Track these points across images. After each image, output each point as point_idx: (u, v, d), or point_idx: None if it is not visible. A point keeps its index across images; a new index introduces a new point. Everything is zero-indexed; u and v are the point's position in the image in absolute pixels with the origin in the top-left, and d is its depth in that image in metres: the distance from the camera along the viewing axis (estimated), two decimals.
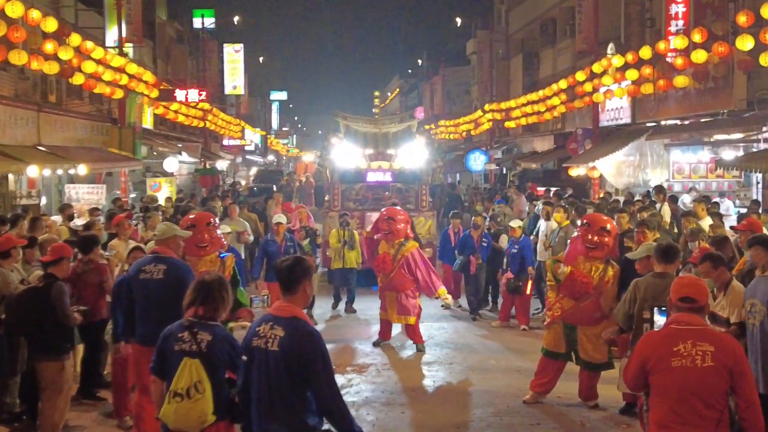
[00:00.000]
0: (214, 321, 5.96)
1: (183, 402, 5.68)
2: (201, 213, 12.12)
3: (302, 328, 5.48)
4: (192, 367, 5.72)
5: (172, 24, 46.62)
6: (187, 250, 9.65)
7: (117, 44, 27.76)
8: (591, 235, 10.05)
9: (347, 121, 20.78)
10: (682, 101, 22.79)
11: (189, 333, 5.85)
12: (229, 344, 5.89)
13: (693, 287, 5.63)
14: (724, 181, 21.92)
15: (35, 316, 8.35)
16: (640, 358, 5.59)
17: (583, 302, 9.88)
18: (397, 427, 9.36)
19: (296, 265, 5.67)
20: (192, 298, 5.99)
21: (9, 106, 20.59)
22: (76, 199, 20.85)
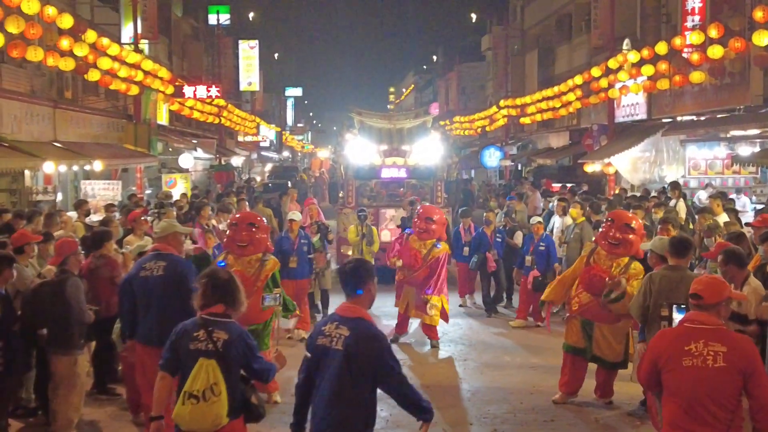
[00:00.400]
0: (230, 319, 5.89)
1: (198, 404, 5.59)
2: (247, 213, 12.09)
3: (367, 330, 5.60)
4: (209, 369, 5.64)
5: (188, 20, 46.78)
6: (229, 247, 9.88)
7: (132, 41, 27.88)
8: (614, 231, 9.82)
9: (362, 116, 20.51)
10: (698, 97, 22.70)
11: (205, 331, 5.76)
12: (245, 343, 5.84)
13: (701, 284, 5.54)
14: (740, 177, 21.83)
15: (49, 311, 8.39)
16: (653, 356, 5.54)
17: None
18: (410, 423, 9.32)
19: (360, 267, 5.77)
20: (208, 295, 5.88)
21: (25, 102, 20.72)
22: (92, 195, 20.95)
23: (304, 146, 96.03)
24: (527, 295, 14.79)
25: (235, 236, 9.79)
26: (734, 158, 21.14)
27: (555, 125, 37.61)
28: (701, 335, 5.35)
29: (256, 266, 9.69)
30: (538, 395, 10.33)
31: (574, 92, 29.67)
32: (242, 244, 9.70)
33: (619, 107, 28.05)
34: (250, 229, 9.78)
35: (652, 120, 25.86)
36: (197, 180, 37.18)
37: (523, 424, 9.27)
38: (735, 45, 18.68)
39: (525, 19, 48.48)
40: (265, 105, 70.69)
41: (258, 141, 57.97)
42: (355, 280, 5.67)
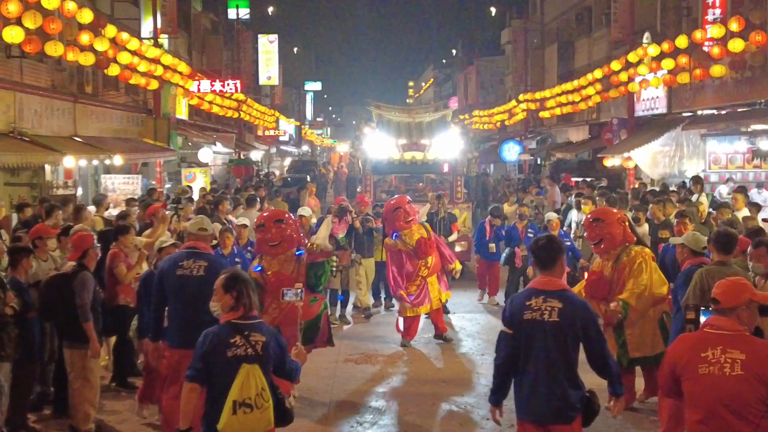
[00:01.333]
0: (257, 319, 5.81)
1: (253, 412, 5.49)
2: (273, 211, 11.37)
3: (576, 299, 6.03)
4: (255, 374, 5.54)
5: (207, 15, 46.87)
6: (261, 250, 9.49)
7: (152, 35, 27.92)
8: (588, 230, 9.57)
9: (380, 110, 20.40)
10: (718, 91, 22.56)
11: (241, 336, 5.61)
12: (278, 343, 5.78)
13: (720, 287, 5.22)
14: (761, 172, 21.68)
15: (61, 303, 8.44)
16: (671, 361, 5.25)
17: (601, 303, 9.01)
18: (426, 417, 9.36)
19: (551, 243, 6.11)
20: (232, 297, 5.72)
21: (46, 97, 20.83)
22: (112, 190, 21.08)
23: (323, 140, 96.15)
24: None
25: (265, 236, 9.35)
26: (755, 152, 21.06)
27: (574, 119, 37.45)
28: (719, 341, 5.03)
29: (293, 263, 9.35)
30: None
31: (594, 86, 29.53)
32: (273, 243, 9.29)
33: (639, 101, 27.91)
34: (279, 227, 9.35)
35: (672, 114, 25.71)
36: (216, 174, 37.32)
37: None
38: (756, 38, 18.56)
39: (544, 13, 48.33)
40: (284, 99, 70.82)
41: (277, 135, 58.03)
42: (549, 255, 5.99)
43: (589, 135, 35.51)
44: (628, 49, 26.60)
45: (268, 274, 9.20)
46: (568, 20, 42.74)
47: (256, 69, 54.86)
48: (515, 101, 44.11)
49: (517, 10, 54.60)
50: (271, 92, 60.80)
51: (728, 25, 19.65)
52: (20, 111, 19.02)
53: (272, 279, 9.15)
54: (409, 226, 12.57)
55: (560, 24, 44.48)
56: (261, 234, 9.42)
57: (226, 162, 41.12)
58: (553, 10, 46.28)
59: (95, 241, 9.22)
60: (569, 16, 42.48)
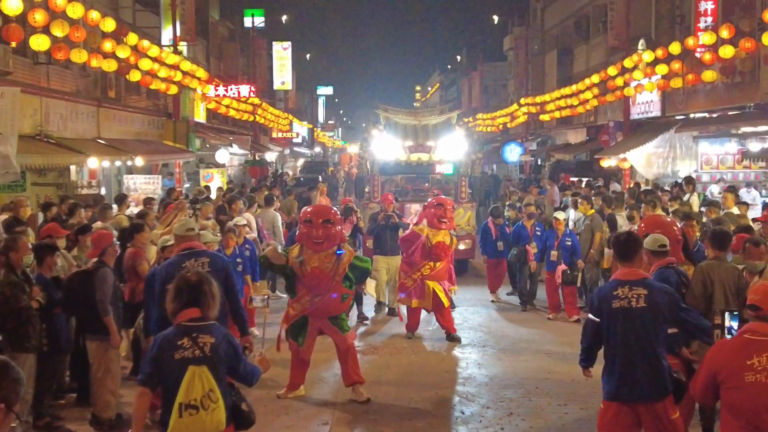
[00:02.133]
0: (210, 320, 5.38)
1: (198, 414, 5.11)
2: (321, 208, 10.92)
3: (658, 285, 6.39)
4: (201, 376, 5.16)
5: (224, 23, 46.92)
6: (305, 242, 9.38)
7: (172, 43, 27.96)
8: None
9: (388, 113, 20.22)
10: (710, 95, 22.50)
11: (189, 338, 5.24)
12: (229, 343, 5.39)
13: (759, 294, 4.93)
14: (750, 172, 21.64)
15: (82, 298, 8.45)
16: (712, 369, 4.91)
17: None
18: (428, 406, 9.37)
19: (632, 238, 6.57)
20: (181, 300, 5.35)
21: (71, 101, 20.88)
22: (134, 189, 21.09)
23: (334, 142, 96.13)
24: (555, 288, 14.44)
25: (311, 233, 9.31)
26: (745, 154, 21.00)
27: (573, 122, 37.39)
28: (764, 348, 4.72)
29: (333, 260, 9.33)
30: (553, 381, 10.29)
31: (591, 90, 29.46)
32: (318, 240, 9.29)
33: (634, 105, 27.85)
34: (326, 226, 9.35)
35: (666, 117, 25.65)
36: (233, 174, 37.34)
37: (537, 408, 9.24)
38: (745, 45, 18.49)
39: (545, 21, 48.22)
40: (297, 103, 70.82)
41: (291, 137, 58.00)
42: (631, 249, 6.40)
43: (586, 137, 35.46)
44: (624, 55, 26.55)
45: (308, 269, 9.24)
46: (567, 28, 42.65)
47: (270, 74, 54.89)
48: (517, 105, 44.01)
49: (519, 19, 54.51)
50: (284, 96, 60.80)
51: (719, 32, 19.58)
52: (47, 115, 19.07)
53: (311, 273, 9.23)
54: (439, 226, 12.54)
55: (559, 31, 44.38)
56: (307, 229, 9.41)
57: (242, 163, 41.15)
58: (552, 18, 46.19)
59: (114, 240, 9.25)
60: (568, 24, 42.39)
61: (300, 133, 65.64)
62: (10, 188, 16.19)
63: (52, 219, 12.76)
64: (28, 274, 8.26)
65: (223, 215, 14.26)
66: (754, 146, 20.63)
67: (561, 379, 10.29)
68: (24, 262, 8.31)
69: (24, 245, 8.30)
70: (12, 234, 8.69)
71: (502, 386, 10.17)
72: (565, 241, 14.31)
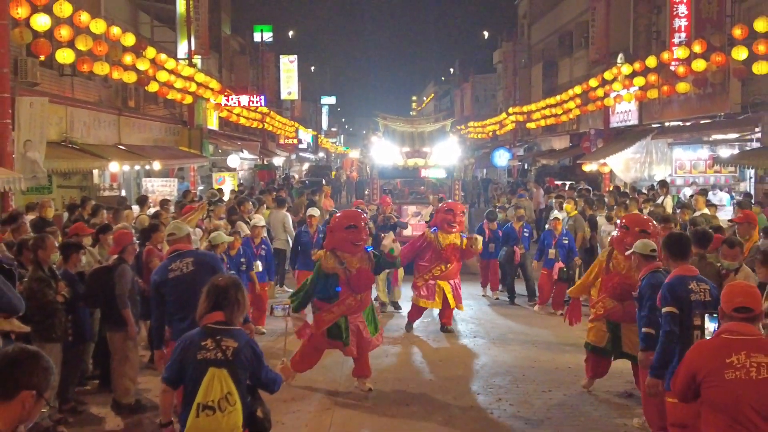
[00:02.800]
0: (234, 326, 5.16)
1: (215, 415, 4.89)
2: (353, 212, 10.77)
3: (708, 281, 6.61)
4: (221, 378, 4.94)
5: (235, 38, 46.92)
6: (345, 247, 9.22)
7: (187, 56, 28.01)
8: (630, 238, 8.54)
9: (386, 121, 20.18)
10: (683, 105, 22.53)
11: (212, 340, 5.02)
12: (251, 349, 5.14)
13: (748, 296, 4.75)
14: (721, 176, 21.68)
15: (102, 292, 8.44)
16: (691, 369, 4.74)
17: (627, 301, 8.52)
18: (423, 391, 9.37)
19: (684, 238, 6.84)
20: (209, 303, 5.15)
21: (94, 110, 20.88)
22: (152, 191, 21.09)
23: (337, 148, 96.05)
24: (550, 285, 14.33)
25: (355, 237, 9.22)
26: (716, 159, 21.01)
27: (557, 130, 37.41)
28: (742, 346, 4.59)
29: (367, 258, 9.35)
30: (538, 368, 10.30)
31: (574, 100, 29.51)
32: (360, 242, 9.27)
33: (614, 114, 27.88)
34: (366, 229, 9.46)
35: (643, 125, 25.68)
36: (243, 177, 37.34)
37: (524, 394, 9.24)
38: (716, 59, 18.50)
39: (531, 36, 48.23)
40: (302, 112, 70.81)
41: (296, 143, 58.01)
42: (686, 248, 6.72)
43: (570, 143, 35.48)
44: (604, 68, 26.59)
45: (353, 271, 9.13)
46: (552, 43, 42.66)
47: (278, 85, 54.91)
48: (505, 114, 44.07)
49: (507, 34, 54.53)
50: (291, 106, 60.80)
51: (692, 47, 19.61)
52: (71, 123, 19.07)
53: (357, 274, 9.13)
54: (449, 230, 12.34)
55: (545, 46, 44.39)
56: (350, 234, 9.21)
57: (251, 167, 41.12)
58: (538, 33, 46.20)
59: (134, 238, 9.25)
60: (553, 39, 42.41)
61: (305, 140, 65.65)
62: (38, 190, 16.23)
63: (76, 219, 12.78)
64: (54, 270, 8.26)
65: (234, 215, 14.26)
66: (724, 152, 20.67)
67: (545, 368, 10.31)
68: (51, 259, 8.32)
69: (51, 244, 8.30)
70: (41, 234, 8.69)
71: (492, 374, 10.18)
72: (562, 240, 14.20)
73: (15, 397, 3.07)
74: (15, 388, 3.07)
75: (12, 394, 3.06)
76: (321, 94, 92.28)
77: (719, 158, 20.55)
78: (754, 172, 19.06)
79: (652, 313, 7.04)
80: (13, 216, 10.48)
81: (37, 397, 3.13)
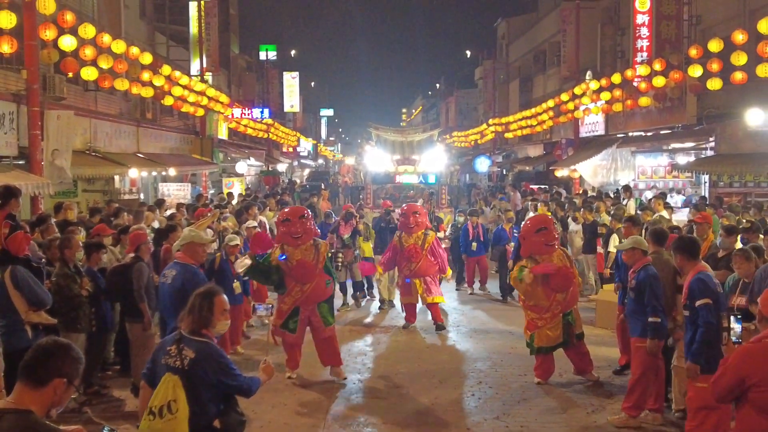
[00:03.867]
0: (202, 337, 4.61)
1: (154, 421, 4.40)
2: (296, 208, 10.33)
3: None
4: (169, 385, 4.45)
5: (243, 57, 46.83)
6: (285, 240, 8.96)
7: (199, 73, 27.94)
8: (547, 238, 9.00)
9: (378, 131, 19.97)
10: (645, 117, 22.60)
11: (176, 347, 4.57)
12: (216, 362, 4.55)
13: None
14: (678, 181, 21.74)
15: (122, 287, 8.41)
16: (739, 374, 4.28)
17: (572, 288, 8.94)
18: (412, 376, 9.37)
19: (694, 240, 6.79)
20: (185, 309, 4.71)
21: (115, 122, 20.83)
22: (168, 195, 21.04)
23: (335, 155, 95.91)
24: None
25: (291, 229, 8.91)
26: (674, 166, 21.08)
27: (532, 139, 37.45)
28: None
29: (313, 251, 8.96)
30: (515, 355, 10.30)
31: (547, 113, 29.54)
32: (297, 235, 8.89)
33: (583, 125, 27.93)
34: (302, 221, 9.00)
35: (609, 135, 25.73)
36: (250, 182, 37.27)
37: (502, 378, 9.25)
38: (674, 76, 18.57)
39: (509, 55, 48.28)
40: (304, 123, 70.68)
41: (298, 151, 57.94)
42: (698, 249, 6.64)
43: (543, 151, 35.52)
44: (575, 83, 26.65)
45: (293, 262, 8.84)
46: (528, 61, 42.73)
47: (281, 99, 54.84)
48: (486, 124, 44.08)
49: (488, 53, 54.60)
50: (293, 117, 60.71)
51: (653, 65, 19.67)
52: (95, 133, 19.02)
53: (297, 265, 8.81)
54: (410, 231, 11.89)
55: (521, 63, 44.45)
56: (286, 227, 8.99)
57: (257, 173, 41.07)
58: (516, 52, 46.26)
59: (149, 238, 9.23)
60: (528, 57, 42.48)
61: (306, 148, 65.56)
62: (64, 194, 16.19)
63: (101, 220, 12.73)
64: (78, 267, 8.24)
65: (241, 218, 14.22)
66: (681, 159, 20.73)
67: (521, 354, 10.26)
68: (76, 257, 8.30)
69: (76, 244, 8.28)
70: (66, 234, 8.66)
71: (474, 359, 10.18)
72: None
73: (48, 384, 3.11)
74: (48, 376, 3.11)
75: (46, 381, 3.11)
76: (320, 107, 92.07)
77: (677, 165, 20.62)
78: (708, 178, 19.12)
79: (656, 300, 7.21)
80: (42, 218, 10.44)
81: (67, 384, 3.17)
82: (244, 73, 46.06)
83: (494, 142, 45.09)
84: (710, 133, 18.62)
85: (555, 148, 30.49)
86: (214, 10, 30.79)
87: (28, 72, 14.00)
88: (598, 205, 15.30)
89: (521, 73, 43.88)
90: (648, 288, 7.26)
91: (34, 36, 13.71)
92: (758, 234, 9.18)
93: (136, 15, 24.78)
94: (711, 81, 16.71)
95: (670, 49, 20.25)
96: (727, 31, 17.10)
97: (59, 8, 14.39)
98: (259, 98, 46.56)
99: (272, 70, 51.84)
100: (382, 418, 7.78)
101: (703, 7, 21.28)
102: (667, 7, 21.30)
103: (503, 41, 50.10)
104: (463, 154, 54.87)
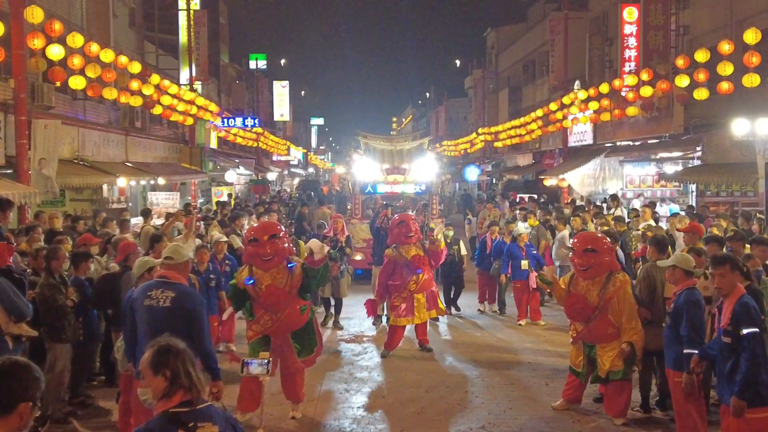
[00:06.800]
0: (203, 401, 3.48)
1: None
2: (265, 224, 9.21)
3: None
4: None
5: (233, 65, 46.89)
6: (253, 262, 7.82)
7: (188, 82, 27.95)
8: (577, 259, 8.01)
9: (367, 139, 19.21)
10: (633, 126, 22.73)
11: (185, 431, 3.43)
12: (234, 429, 3.56)
13: None
14: (666, 190, 21.87)
15: (109, 297, 8.36)
16: None
17: (592, 322, 7.88)
18: (401, 386, 9.37)
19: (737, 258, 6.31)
20: (165, 380, 3.42)
21: (103, 131, 20.80)
22: (157, 204, 21.00)
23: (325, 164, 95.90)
24: (523, 295, 13.27)
25: (259, 251, 7.69)
26: (661, 175, 21.20)
27: (521, 148, 37.60)
28: None
29: (286, 274, 7.76)
30: (501, 364, 10.32)
31: (536, 122, 29.67)
32: (267, 258, 7.70)
33: (571, 134, 28.06)
34: (272, 242, 7.72)
35: (597, 144, 25.86)
36: (239, 191, 37.23)
37: (489, 386, 9.25)
38: (662, 86, 18.71)
39: (498, 64, 48.52)
40: (294, 131, 70.71)
41: (288, 160, 57.89)
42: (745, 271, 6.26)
43: (532, 160, 35.68)
44: (563, 93, 26.77)
45: (262, 288, 7.74)
46: (517, 70, 42.95)
47: (271, 108, 54.87)
48: (475, 134, 44.24)
49: (477, 62, 54.90)
50: (283, 126, 60.71)
51: (640, 75, 19.80)
52: (83, 142, 18.98)
53: (266, 292, 7.71)
54: (408, 241, 10.91)
55: (510, 73, 44.68)
56: (254, 248, 7.77)
57: (247, 182, 41.02)
58: (505, 62, 46.51)
59: (137, 248, 9.20)
60: (518, 67, 42.71)
61: (296, 157, 65.50)
62: (52, 204, 16.12)
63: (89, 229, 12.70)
64: (64, 277, 8.22)
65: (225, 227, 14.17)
66: (669, 168, 20.85)
67: (507, 363, 10.34)
68: (62, 268, 8.27)
69: (63, 255, 8.26)
70: (53, 246, 8.63)
71: (460, 367, 10.18)
72: (531, 251, 13.42)
73: (14, 411, 2.86)
74: (14, 402, 2.86)
75: (11, 408, 2.86)
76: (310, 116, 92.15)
77: (665, 174, 20.74)
78: (696, 187, 19.24)
79: (694, 332, 6.43)
80: (30, 228, 10.44)
81: (32, 407, 2.92)
82: (234, 82, 46.12)
83: (484, 151, 45.25)
84: (697, 142, 18.75)
85: (544, 157, 30.64)
86: (203, 19, 30.83)
87: (15, 81, 14.00)
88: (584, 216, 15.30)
89: (510, 82, 44.10)
90: (686, 315, 6.48)
91: (21, 45, 13.71)
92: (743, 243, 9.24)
93: (125, 24, 24.80)
94: (698, 91, 16.84)
95: (657, 59, 20.41)
96: (714, 41, 17.25)
97: (47, 17, 14.38)
98: (249, 107, 46.60)
99: (262, 79, 51.88)
100: (368, 427, 7.78)
101: (690, 18, 21.48)
102: (655, 18, 21.49)
103: (493, 51, 50.38)
104: (453, 163, 54.99)
